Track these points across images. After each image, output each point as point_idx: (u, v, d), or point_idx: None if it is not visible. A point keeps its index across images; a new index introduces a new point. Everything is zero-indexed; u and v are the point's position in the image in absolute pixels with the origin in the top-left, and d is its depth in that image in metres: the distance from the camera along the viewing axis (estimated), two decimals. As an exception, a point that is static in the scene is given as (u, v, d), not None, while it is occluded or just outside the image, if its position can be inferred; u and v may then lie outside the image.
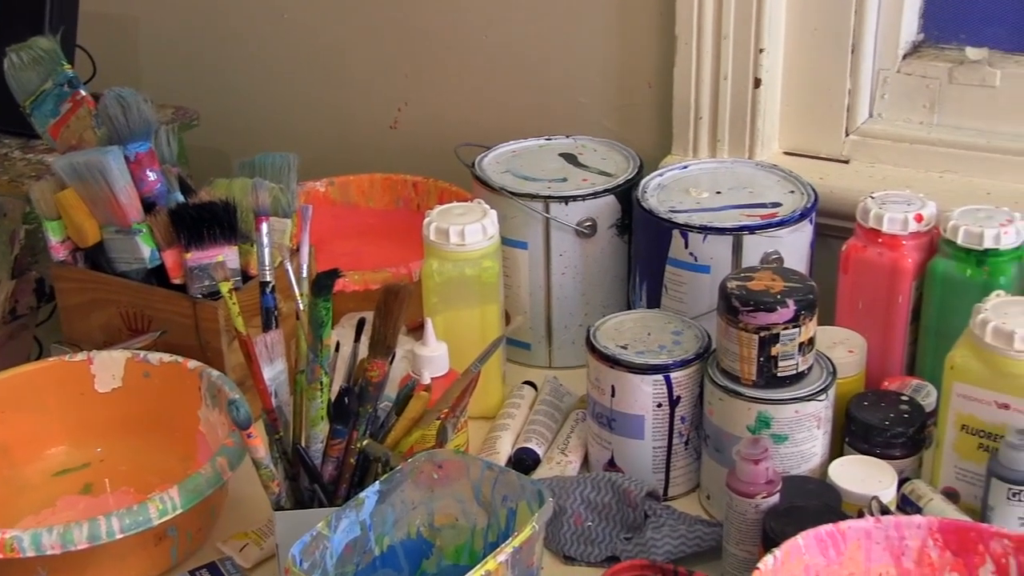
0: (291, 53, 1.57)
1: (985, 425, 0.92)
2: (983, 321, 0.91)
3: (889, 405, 0.99)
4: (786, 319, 0.93)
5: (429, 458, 0.87)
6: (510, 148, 1.28)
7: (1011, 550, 0.79)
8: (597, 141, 1.29)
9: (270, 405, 0.88)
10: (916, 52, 1.24)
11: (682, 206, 1.13)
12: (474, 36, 1.42)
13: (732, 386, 0.96)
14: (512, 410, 1.12)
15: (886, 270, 1.06)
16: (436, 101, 1.48)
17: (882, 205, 1.07)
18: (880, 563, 0.82)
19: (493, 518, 0.87)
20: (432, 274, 1.09)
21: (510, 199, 1.17)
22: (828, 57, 1.23)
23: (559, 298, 1.19)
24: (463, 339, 1.07)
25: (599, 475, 1.00)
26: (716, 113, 1.26)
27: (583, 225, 1.17)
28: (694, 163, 1.23)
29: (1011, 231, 1.02)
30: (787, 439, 0.95)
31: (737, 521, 0.90)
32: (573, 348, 1.20)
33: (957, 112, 1.22)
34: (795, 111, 1.27)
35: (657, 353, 1.00)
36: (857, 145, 1.25)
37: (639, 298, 1.17)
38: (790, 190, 1.16)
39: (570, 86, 1.38)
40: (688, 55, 1.25)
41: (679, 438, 1.01)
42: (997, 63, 1.20)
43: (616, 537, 0.96)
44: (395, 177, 1.42)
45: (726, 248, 1.09)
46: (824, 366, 0.98)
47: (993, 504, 0.89)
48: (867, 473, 0.94)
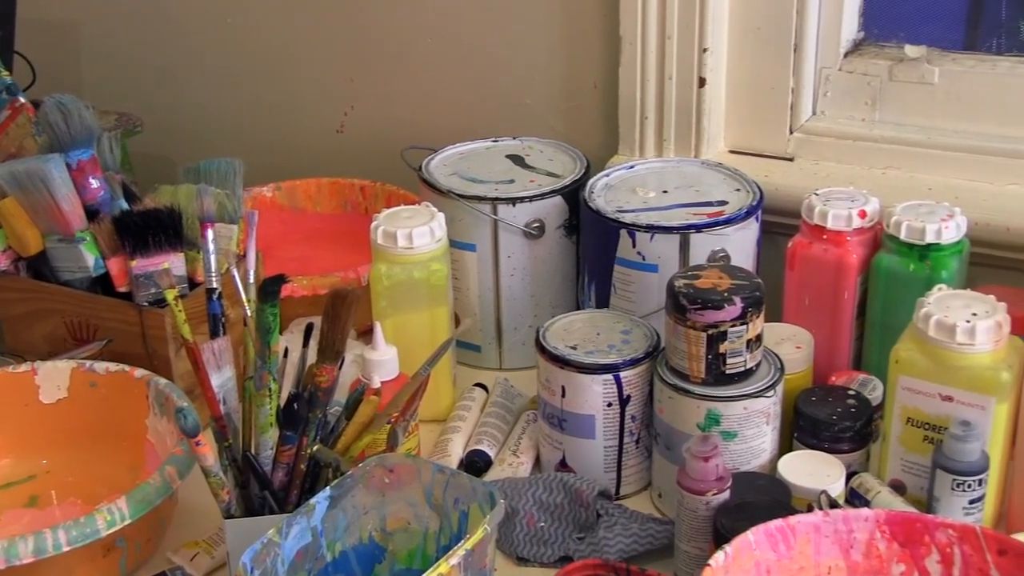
0: (236, 58, 1.56)
1: (930, 417, 0.93)
2: (926, 315, 0.92)
3: (836, 400, 1.00)
4: (733, 316, 0.94)
5: (380, 462, 0.87)
6: (457, 150, 1.28)
7: (955, 540, 0.80)
8: (544, 142, 1.29)
9: (219, 412, 0.87)
10: (857, 50, 1.26)
11: (629, 206, 1.14)
12: (420, 39, 1.42)
13: (681, 384, 0.96)
14: (463, 412, 1.12)
15: (831, 266, 1.07)
16: (383, 105, 1.48)
17: (826, 202, 1.08)
18: (829, 556, 0.83)
19: (445, 521, 0.86)
20: (380, 278, 1.09)
21: (457, 201, 1.17)
22: (771, 56, 1.24)
23: (508, 299, 1.19)
24: (413, 342, 1.07)
25: (551, 476, 1.00)
26: (662, 113, 1.27)
27: (531, 226, 1.17)
28: (640, 163, 1.23)
29: (952, 226, 1.03)
30: (736, 436, 0.96)
31: (688, 518, 0.90)
32: (523, 349, 1.20)
33: (898, 109, 1.23)
34: (740, 110, 1.28)
35: (607, 353, 1.00)
36: (801, 143, 1.26)
37: (588, 298, 1.17)
38: (736, 188, 1.17)
39: (516, 88, 1.38)
40: (633, 56, 1.26)
41: (630, 437, 1.01)
42: (935, 60, 1.21)
43: (569, 537, 0.96)
44: (342, 181, 1.41)
45: (673, 247, 1.09)
46: (772, 362, 0.99)
47: (938, 495, 0.91)
48: (816, 468, 0.95)
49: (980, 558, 0.80)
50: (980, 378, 0.90)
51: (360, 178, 1.41)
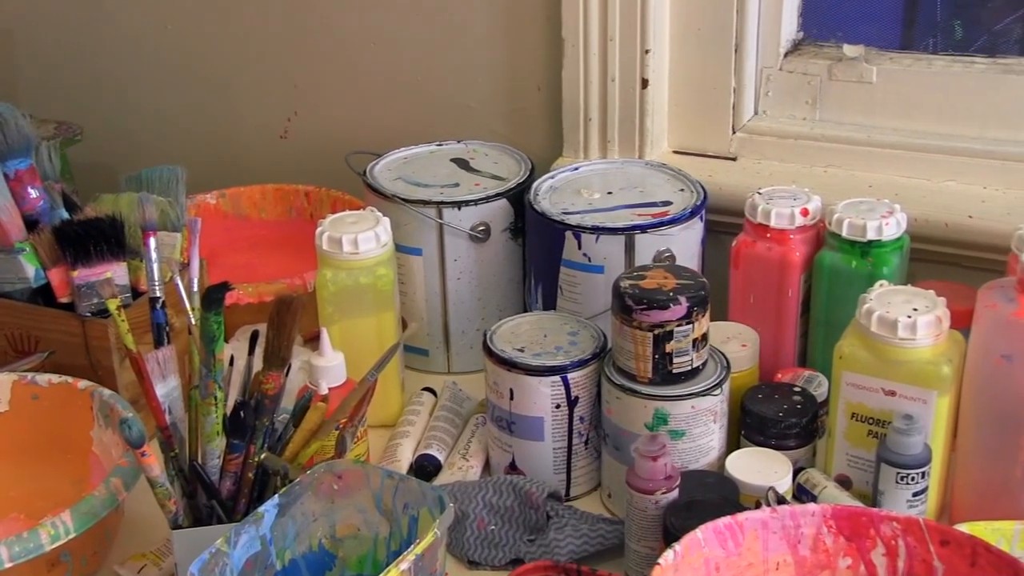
0: (177, 65, 1.54)
1: (873, 412, 0.94)
2: (868, 311, 0.93)
3: (783, 397, 1.01)
4: (679, 316, 0.94)
5: (328, 469, 0.86)
6: (401, 155, 1.28)
7: (900, 532, 0.81)
8: (488, 145, 1.29)
9: (164, 422, 0.86)
10: (797, 50, 1.27)
11: (574, 207, 1.14)
12: (363, 44, 1.42)
13: (629, 384, 0.97)
14: (412, 417, 1.12)
15: (775, 264, 1.08)
16: (326, 110, 1.47)
17: (769, 200, 1.09)
18: (777, 552, 0.83)
19: (395, 526, 0.86)
20: (326, 284, 1.09)
21: (403, 206, 1.17)
22: (712, 56, 1.25)
23: (455, 303, 1.19)
24: (360, 348, 1.06)
25: (501, 478, 1.00)
26: (605, 114, 1.28)
27: (477, 229, 1.17)
28: (585, 164, 1.24)
29: (892, 222, 1.04)
30: (684, 434, 0.96)
31: (638, 518, 0.90)
32: (471, 353, 1.20)
33: (838, 108, 1.25)
34: (683, 110, 1.29)
35: (554, 354, 1.00)
36: (744, 142, 1.28)
37: (535, 300, 1.17)
38: (680, 188, 1.17)
39: (460, 91, 1.38)
40: (576, 58, 1.27)
41: (579, 438, 1.02)
42: (873, 60, 1.23)
43: (519, 539, 0.96)
44: (287, 187, 1.41)
45: (619, 248, 1.10)
46: (718, 361, 0.99)
47: (883, 488, 0.92)
48: (763, 464, 0.95)
49: (924, 549, 0.81)
50: (921, 372, 0.92)
51: (305, 184, 1.40)
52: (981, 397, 0.92)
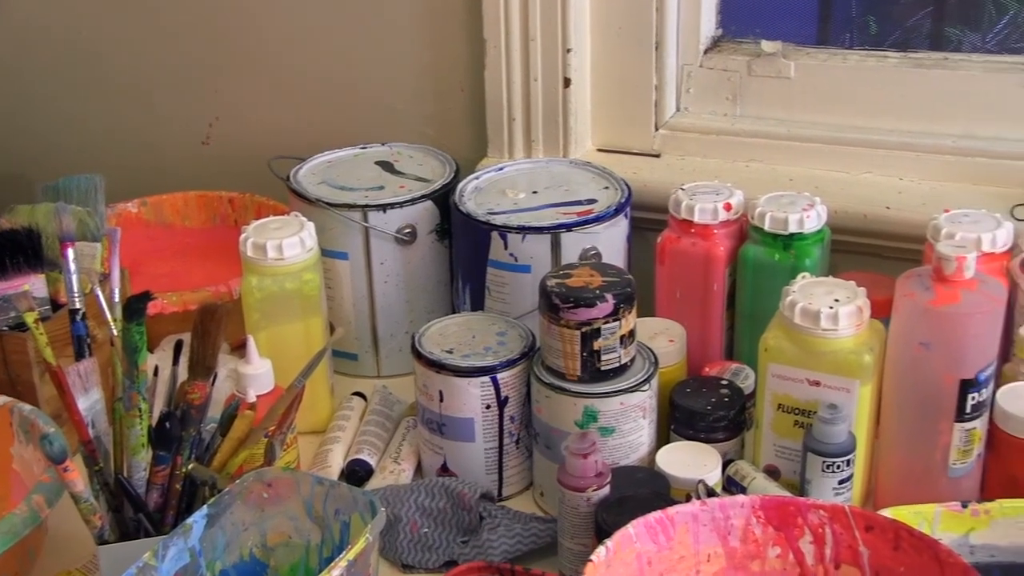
0: (93, 71, 1.52)
1: (799, 403, 0.95)
2: (791, 303, 0.94)
3: (710, 390, 1.02)
4: (606, 313, 0.95)
5: (258, 477, 0.85)
6: (325, 159, 1.27)
7: (826, 520, 0.83)
8: (413, 147, 1.29)
9: (87, 436, 0.85)
10: (716, 47, 1.28)
11: (500, 208, 1.14)
12: (283, 48, 1.41)
13: (558, 383, 0.97)
14: (342, 422, 1.11)
15: (700, 259, 1.09)
16: (248, 115, 1.46)
17: (692, 196, 1.10)
18: (708, 544, 0.84)
19: (327, 533, 0.86)
20: (252, 290, 1.08)
21: (327, 210, 1.16)
22: (633, 54, 1.26)
23: (383, 306, 1.19)
24: (288, 354, 1.05)
25: (433, 481, 1.00)
26: (529, 114, 1.28)
27: (403, 232, 1.17)
28: (510, 164, 1.24)
29: (813, 215, 1.06)
30: (614, 431, 0.97)
31: (570, 515, 0.91)
32: (401, 356, 1.20)
33: (758, 103, 1.26)
34: (605, 108, 1.30)
35: (483, 355, 1.00)
36: (667, 139, 1.29)
37: (463, 301, 1.17)
38: (604, 186, 1.18)
39: (383, 94, 1.37)
40: (497, 58, 1.27)
41: (510, 438, 1.02)
42: (791, 55, 1.24)
43: (453, 541, 0.96)
44: (210, 194, 1.39)
45: (545, 247, 1.10)
46: (646, 357, 1.00)
47: (810, 477, 0.93)
48: (693, 458, 0.96)
49: (849, 535, 0.82)
50: (844, 362, 0.93)
51: (228, 190, 1.39)
52: (902, 384, 0.94)
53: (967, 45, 1.41)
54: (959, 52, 1.24)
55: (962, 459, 0.94)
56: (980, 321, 0.90)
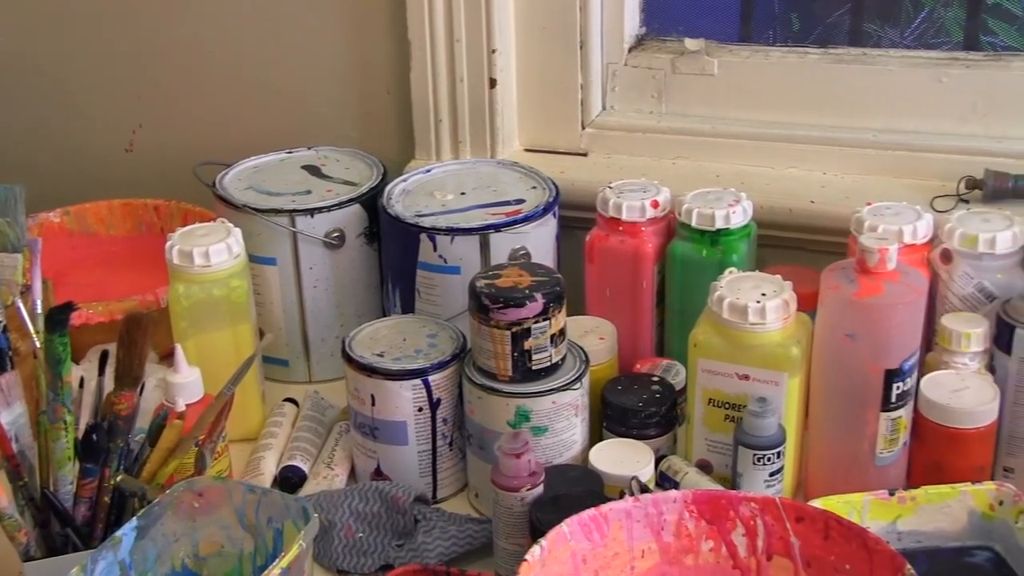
0: (14, 77, 1.49)
1: (729, 397, 0.96)
2: (719, 298, 0.95)
3: (641, 387, 1.03)
4: (536, 313, 0.95)
5: (188, 487, 0.85)
6: (251, 164, 1.26)
7: (758, 512, 0.83)
8: (339, 151, 1.28)
9: (11, 451, 0.84)
10: (640, 45, 1.29)
11: (428, 209, 1.14)
12: (206, 53, 1.39)
13: (489, 383, 0.97)
14: (274, 429, 1.10)
15: (629, 257, 1.10)
16: (172, 121, 1.44)
17: (620, 194, 1.10)
18: (642, 540, 0.85)
19: (260, 541, 0.85)
20: (179, 298, 1.06)
21: (254, 216, 1.15)
22: (558, 54, 1.26)
23: (313, 312, 1.18)
24: (217, 362, 1.04)
25: (366, 485, 1.00)
26: (455, 115, 1.28)
27: (331, 236, 1.16)
28: (437, 166, 1.24)
29: (739, 210, 1.07)
30: (547, 430, 0.97)
31: (505, 516, 0.91)
32: (332, 360, 1.19)
33: (682, 101, 1.27)
34: (532, 108, 1.30)
35: (414, 358, 1.00)
36: (594, 138, 1.29)
37: (393, 304, 1.17)
38: (532, 186, 1.18)
39: (309, 97, 1.37)
40: (423, 60, 1.26)
41: (443, 440, 1.02)
42: (714, 53, 1.26)
43: (388, 545, 0.96)
44: (135, 202, 1.37)
45: (474, 248, 1.10)
46: (577, 355, 1.01)
47: (741, 471, 0.94)
48: (626, 455, 0.97)
49: (781, 527, 0.83)
50: (772, 355, 0.94)
51: (154, 198, 1.37)
52: (829, 376, 0.96)
53: (886, 41, 1.43)
54: (878, 48, 1.26)
55: (889, 448, 0.95)
56: (903, 312, 0.92)
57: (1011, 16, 1.38)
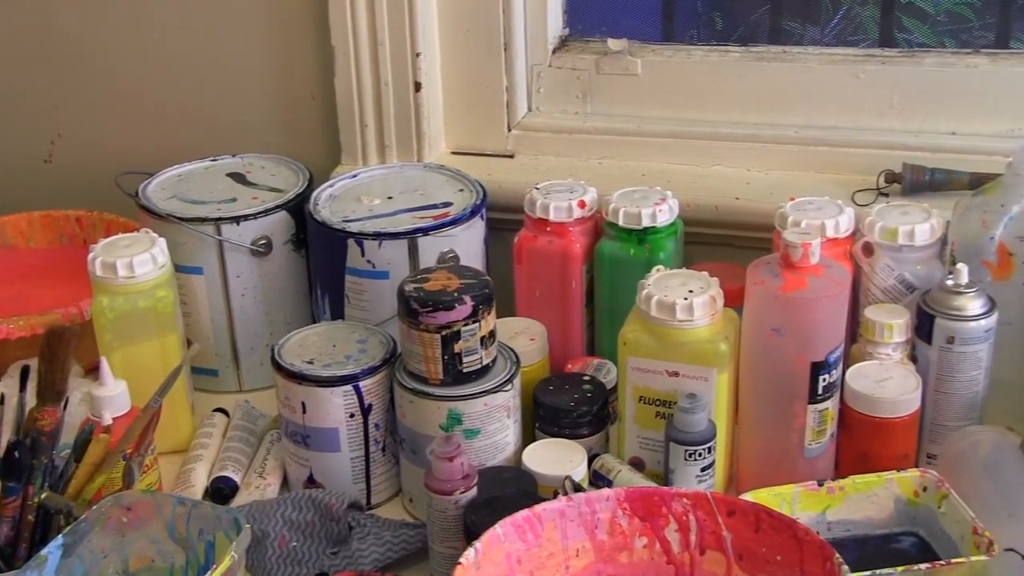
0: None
1: (659, 394, 0.97)
2: (647, 296, 0.96)
3: (573, 387, 1.03)
4: (465, 315, 0.95)
5: (116, 502, 0.83)
6: (175, 172, 1.24)
7: (690, 507, 0.84)
8: (265, 158, 1.27)
9: (-70, 471, 0.82)
10: (564, 46, 1.30)
11: (355, 215, 1.14)
12: (127, 61, 1.37)
13: (421, 387, 0.97)
14: (204, 440, 1.09)
15: (557, 257, 1.10)
16: (93, 131, 1.42)
17: (547, 195, 1.11)
18: (576, 539, 0.85)
19: (191, 553, 0.84)
20: (103, 311, 1.05)
21: (179, 225, 1.14)
22: (483, 56, 1.27)
23: (241, 320, 1.17)
24: (145, 374, 1.03)
25: (299, 493, 0.99)
26: (381, 119, 1.28)
27: (258, 244, 1.15)
28: (364, 171, 1.23)
29: (665, 209, 1.08)
30: (479, 432, 0.97)
31: (439, 519, 0.91)
32: (262, 369, 1.18)
33: (607, 101, 1.28)
34: (458, 111, 1.30)
35: (344, 364, 1.00)
36: (520, 139, 1.30)
37: (323, 311, 1.16)
38: (459, 189, 1.18)
39: (232, 104, 1.35)
40: (347, 64, 1.26)
41: (375, 445, 1.01)
42: (637, 52, 1.26)
43: (322, 553, 0.95)
44: (55, 213, 1.35)
45: (402, 252, 1.10)
46: (508, 357, 1.01)
47: (673, 467, 0.95)
48: (559, 455, 0.97)
49: (713, 521, 0.84)
50: (701, 351, 0.95)
51: (75, 209, 1.35)
52: (757, 370, 0.97)
53: (807, 39, 1.46)
54: (798, 46, 1.27)
55: (817, 439, 0.97)
56: (827, 305, 0.93)
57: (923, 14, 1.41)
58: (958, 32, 1.44)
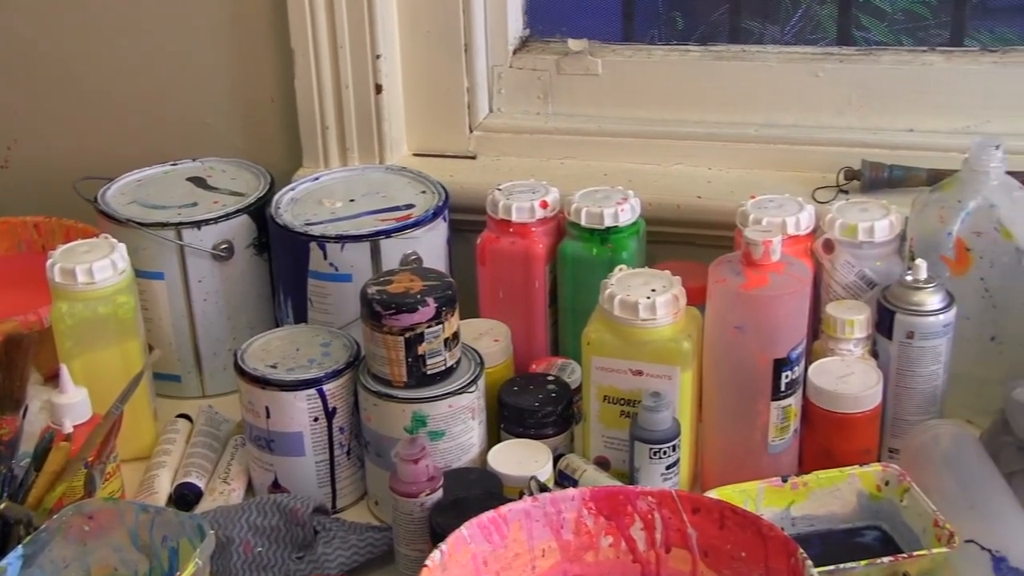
0: None
1: (623, 393, 0.97)
2: (610, 295, 0.96)
3: (537, 387, 1.03)
4: (428, 317, 0.95)
5: (77, 510, 0.83)
6: (134, 177, 1.24)
7: (655, 506, 0.84)
8: (225, 162, 1.26)
9: None
10: (525, 47, 1.30)
11: (317, 218, 1.13)
12: (85, 65, 1.36)
13: (385, 390, 0.96)
14: (168, 446, 1.08)
15: (520, 258, 1.10)
16: (51, 136, 1.41)
17: (509, 196, 1.11)
18: (542, 539, 0.85)
19: (155, 561, 0.83)
20: (62, 317, 1.04)
21: (139, 230, 1.13)
22: (443, 58, 1.27)
23: (204, 325, 1.16)
24: (106, 381, 1.02)
25: (264, 498, 0.98)
26: (342, 122, 1.27)
27: (219, 248, 1.15)
28: (325, 174, 1.23)
29: (627, 208, 1.08)
30: (444, 434, 0.97)
31: (404, 522, 0.91)
32: (225, 374, 1.17)
33: (568, 101, 1.28)
34: (419, 113, 1.30)
35: (307, 368, 0.99)
36: (482, 140, 1.30)
37: (286, 315, 1.15)
38: (422, 190, 1.18)
39: (192, 108, 1.34)
40: (307, 67, 1.25)
41: (340, 449, 1.01)
42: (597, 52, 1.27)
43: (288, 558, 0.95)
44: (13, 220, 1.33)
45: (365, 255, 1.10)
46: (472, 358, 1.01)
47: (638, 465, 0.95)
48: (524, 455, 0.97)
49: (678, 519, 0.84)
50: (664, 350, 0.95)
51: (33, 215, 1.33)
52: (720, 368, 0.97)
53: (768, 38, 1.46)
54: (758, 44, 1.28)
55: (780, 436, 0.97)
56: (788, 302, 0.94)
57: (881, 12, 1.42)
58: (915, 30, 1.45)
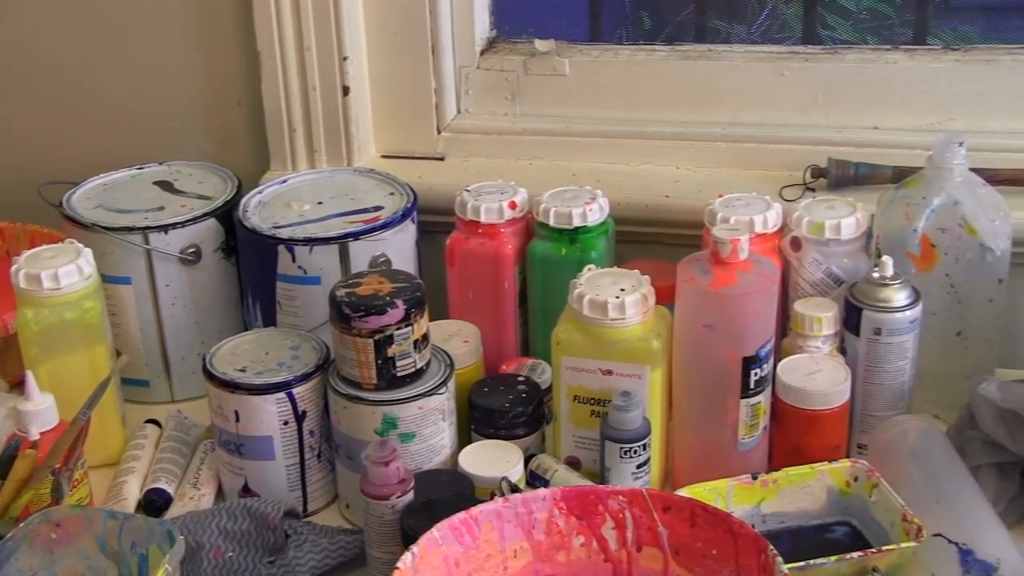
0: None
1: (593, 392, 0.97)
2: (579, 295, 0.96)
3: (508, 388, 1.03)
4: (397, 319, 0.95)
5: (44, 518, 0.82)
6: (100, 181, 1.23)
7: (626, 505, 0.85)
8: (192, 165, 1.26)
9: None
10: (492, 48, 1.30)
11: (285, 221, 1.13)
12: (49, 68, 1.35)
13: (355, 393, 0.96)
14: (136, 452, 1.08)
15: (489, 259, 1.10)
16: (13, 140, 1.39)
17: (478, 197, 1.11)
18: (513, 540, 0.85)
19: (124, 568, 0.83)
20: (28, 324, 1.03)
21: (105, 234, 1.12)
22: (410, 59, 1.26)
23: (172, 330, 1.16)
24: (73, 387, 1.01)
25: (234, 503, 0.98)
26: (309, 124, 1.27)
27: (187, 252, 1.14)
28: (293, 176, 1.23)
29: (595, 208, 1.08)
30: (415, 436, 0.97)
31: (376, 524, 0.90)
32: (194, 379, 1.16)
33: (536, 101, 1.28)
34: (387, 114, 1.29)
35: (277, 371, 0.99)
36: (450, 141, 1.29)
37: (255, 318, 1.15)
38: (390, 192, 1.18)
39: (158, 112, 1.34)
40: (273, 69, 1.25)
41: (311, 452, 1.00)
42: (564, 53, 1.27)
43: (259, 563, 0.94)
44: (-24, 225, 1.32)
45: (333, 257, 1.09)
46: (442, 359, 1.00)
47: (609, 465, 0.95)
48: (495, 456, 0.97)
49: (649, 518, 0.84)
50: (634, 349, 0.95)
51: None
52: (689, 366, 0.97)
53: (735, 37, 1.47)
54: (725, 44, 1.29)
55: (750, 433, 0.98)
56: (756, 300, 0.94)
57: (846, 12, 1.43)
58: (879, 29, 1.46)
